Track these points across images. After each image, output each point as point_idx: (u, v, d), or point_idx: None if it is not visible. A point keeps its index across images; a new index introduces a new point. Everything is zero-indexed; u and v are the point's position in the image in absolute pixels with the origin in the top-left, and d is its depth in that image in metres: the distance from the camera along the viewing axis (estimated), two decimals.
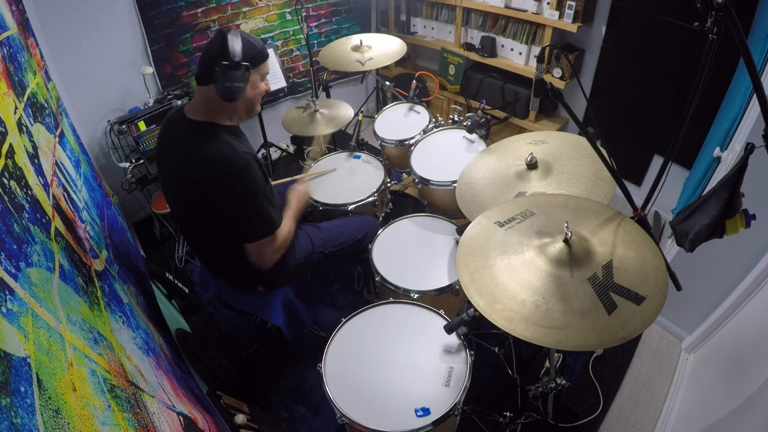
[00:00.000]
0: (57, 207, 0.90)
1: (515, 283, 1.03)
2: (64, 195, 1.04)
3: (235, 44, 1.22)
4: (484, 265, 1.09)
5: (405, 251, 1.71)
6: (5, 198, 0.64)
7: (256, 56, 1.28)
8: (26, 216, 0.70)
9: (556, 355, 1.39)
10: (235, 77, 1.23)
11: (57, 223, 0.84)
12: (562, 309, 0.95)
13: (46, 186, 0.87)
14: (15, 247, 0.62)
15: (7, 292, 0.54)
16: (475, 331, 1.36)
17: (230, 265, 1.54)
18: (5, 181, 0.66)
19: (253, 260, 1.42)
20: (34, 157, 0.87)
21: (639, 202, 1.23)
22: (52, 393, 0.56)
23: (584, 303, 0.95)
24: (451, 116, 2.21)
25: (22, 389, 0.50)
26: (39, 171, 0.87)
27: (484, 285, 1.04)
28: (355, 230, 1.76)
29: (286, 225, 1.47)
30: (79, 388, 0.63)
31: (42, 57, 1.52)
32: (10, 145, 0.73)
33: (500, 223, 1.20)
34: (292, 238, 1.52)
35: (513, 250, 1.10)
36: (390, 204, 2.16)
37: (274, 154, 3.41)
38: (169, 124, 1.39)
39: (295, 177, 1.94)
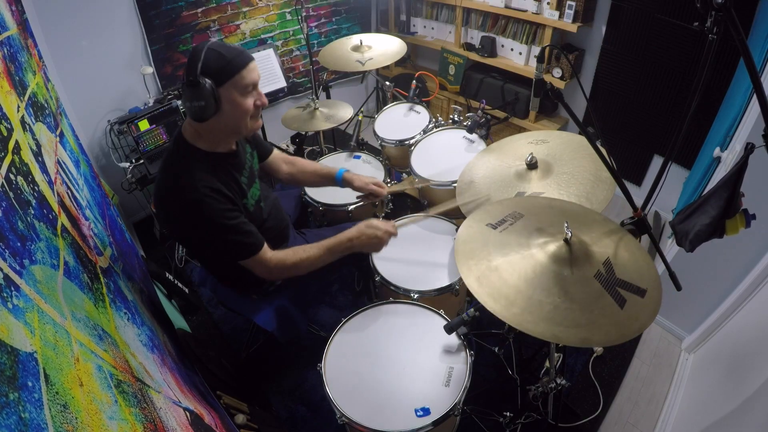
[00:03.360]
0: (62, 204, 0.91)
1: (526, 284, 1.01)
2: (67, 193, 1.04)
3: (198, 59, 1.12)
4: (488, 267, 1.07)
5: (405, 251, 1.71)
6: (11, 194, 0.64)
7: (222, 69, 1.14)
8: (32, 212, 0.70)
9: (556, 355, 1.38)
10: (195, 95, 1.12)
11: (63, 219, 0.84)
12: (580, 307, 0.95)
13: (50, 183, 0.87)
14: (19, 244, 0.62)
15: (12, 288, 0.55)
16: (475, 331, 1.36)
17: (223, 267, 1.52)
18: (12, 176, 0.66)
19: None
20: (38, 154, 0.87)
21: (639, 202, 1.23)
22: (60, 388, 0.56)
23: (597, 299, 0.96)
24: (451, 116, 2.21)
25: (30, 384, 0.51)
26: (43, 168, 0.87)
27: (495, 289, 1.01)
28: None
29: (295, 254, 1.34)
30: (86, 383, 0.63)
31: (41, 58, 1.52)
32: (16, 141, 0.73)
33: (492, 225, 1.18)
34: (306, 267, 1.36)
35: (514, 250, 1.10)
36: (390, 204, 2.16)
37: None
38: (173, 136, 1.34)
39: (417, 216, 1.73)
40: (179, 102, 2.52)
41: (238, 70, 1.16)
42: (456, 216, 1.85)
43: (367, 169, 2.14)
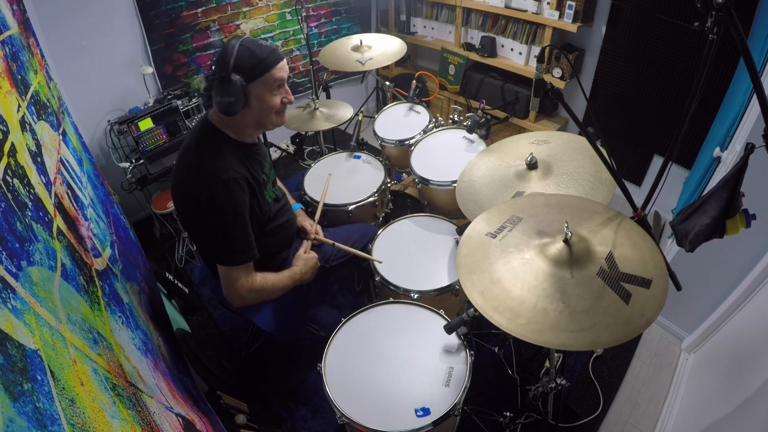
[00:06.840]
0: (59, 206, 0.90)
1: (530, 293, 0.99)
2: (68, 193, 1.04)
3: (230, 55, 1.16)
4: (491, 281, 1.05)
5: (405, 251, 1.71)
6: (9, 196, 0.64)
7: (253, 68, 1.18)
8: (29, 214, 0.70)
9: (556, 355, 1.38)
10: (226, 91, 1.16)
11: (59, 221, 0.84)
12: (584, 309, 0.94)
13: (48, 185, 0.87)
14: (17, 245, 0.62)
15: (9, 291, 0.55)
16: (475, 331, 1.35)
17: None
18: (8, 179, 0.67)
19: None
20: (37, 155, 0.87)
21: (639, 202, 1.23)
22: (65, 384, 0.57)
23: (602, 298, 0.95)
24: (451, 116, 2.21)
25: (39, 378, 0.52)
26: (41, 170, 0.87)
27: (500, 302, 1.00)
28: (355, 242, 1.73)
29: (269, 279, 1.38)
30: (85, 383, 0.64)
31: (43, 57, 1.52)
32: (12, 144, 0.73)
33: (491, 234, 1.16)
34: (271, 296, 1.42)
35: (515, 258, 1.08)
36: (390, 204, 2.16)
37: (274, 154, 3.41)
38: (197, 122, 1.37)
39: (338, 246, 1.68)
40: (179, 102, 2.52)
41: (269, 69, 1.21)
42: (456, 216, 1.85)
43: (367, 169, 2.13)
